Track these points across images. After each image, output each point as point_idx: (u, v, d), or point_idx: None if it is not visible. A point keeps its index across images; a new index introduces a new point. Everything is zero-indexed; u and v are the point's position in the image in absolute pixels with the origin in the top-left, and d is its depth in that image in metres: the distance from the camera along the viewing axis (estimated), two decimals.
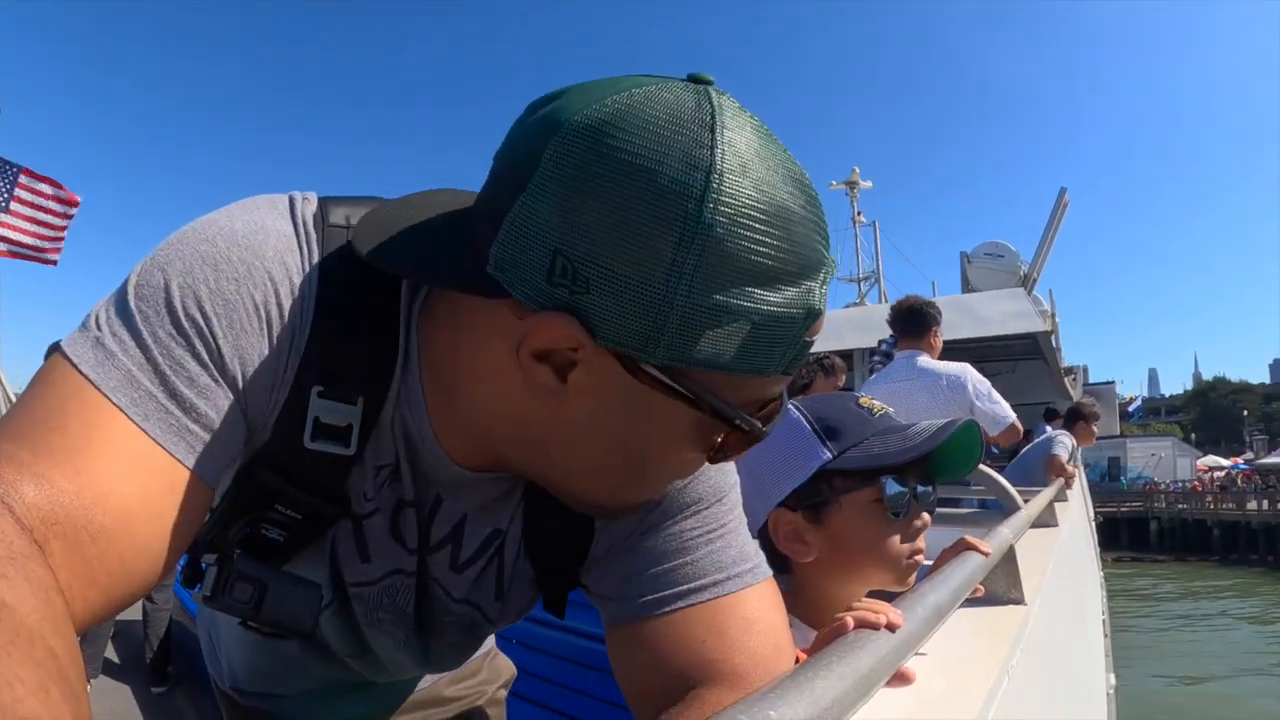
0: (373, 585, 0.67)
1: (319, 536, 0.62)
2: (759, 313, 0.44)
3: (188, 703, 3.58)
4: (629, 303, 0.43)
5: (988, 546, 0.96)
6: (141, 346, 0.47)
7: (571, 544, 0.66)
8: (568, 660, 2.01)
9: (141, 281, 0.50)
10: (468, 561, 0.67)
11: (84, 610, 0.40)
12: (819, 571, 0.97)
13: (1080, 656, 2.05)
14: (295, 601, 0.59)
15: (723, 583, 0.61)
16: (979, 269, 14.46)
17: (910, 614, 0.60)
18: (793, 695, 0.37)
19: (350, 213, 0.57)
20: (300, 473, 0.57)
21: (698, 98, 0.44)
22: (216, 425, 0.50)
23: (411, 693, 1.00)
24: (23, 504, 0.38)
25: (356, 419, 0.56)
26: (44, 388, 0.46)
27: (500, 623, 0.75)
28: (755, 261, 0.43)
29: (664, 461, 0.54)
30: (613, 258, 0.42)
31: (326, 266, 0.54)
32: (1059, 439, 4.44)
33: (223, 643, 0.94)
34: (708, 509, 0.64)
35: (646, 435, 0.50)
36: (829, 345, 7.66)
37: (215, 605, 0.58)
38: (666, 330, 0.43)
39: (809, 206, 0.46)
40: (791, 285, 0.45)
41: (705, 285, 0.42)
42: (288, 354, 0.53)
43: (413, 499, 0.62)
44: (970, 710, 0.75)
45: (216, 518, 0.60)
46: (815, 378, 3.86)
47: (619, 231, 0.42)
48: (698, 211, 0.41)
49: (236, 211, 0.54)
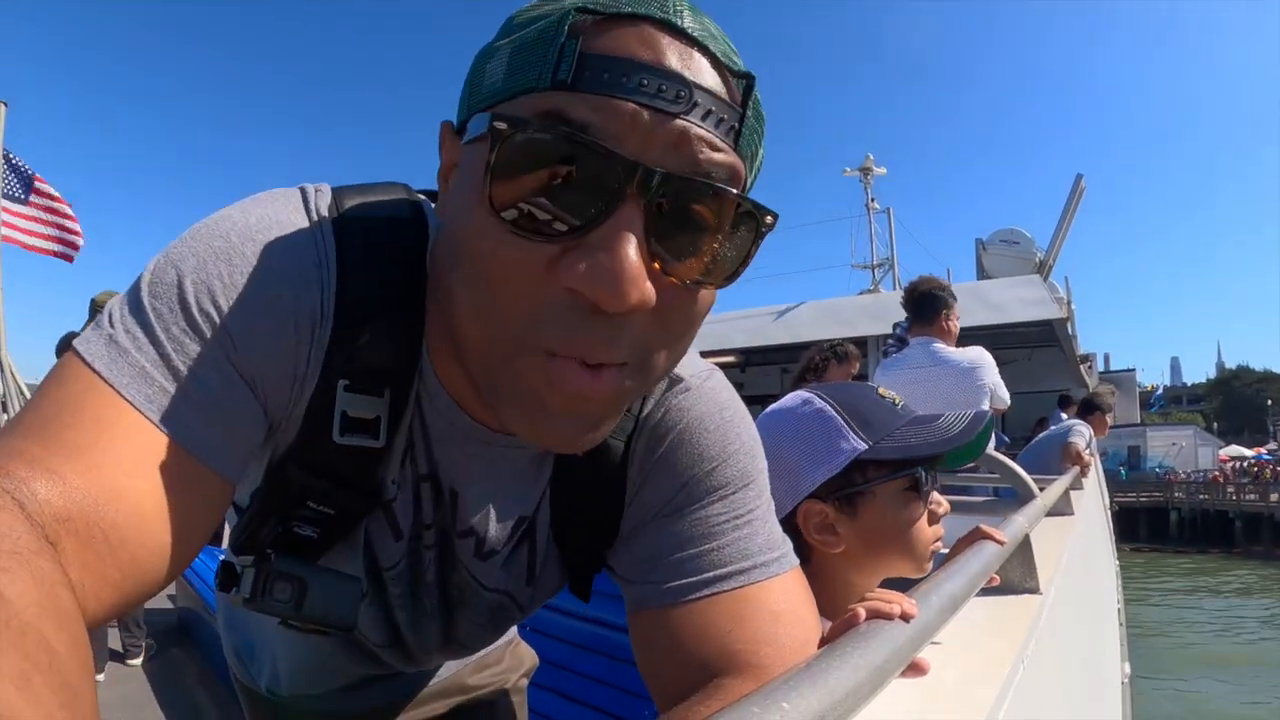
0: (401, 564, 0.67)
1: (353, 530, 0.62)
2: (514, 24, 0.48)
3: (203, 692, 3.63)
4: (464, 89, 0.50)
5: (1003, 535, 0.96)
6: (155, 343, 0.47)
7: (600, 522, 0.65)
8: (586, 649, 2.02)
9: (155, 278, 0.49)
10: (492, 551, 0.67)
11: (96, 607, 0.40)
12: (843, 562, 0.97)
13: (1096, 646, 2.04)
14: (336, 596, 0.59)
15: (749, 571, 0.60)
16: (994, 255, 14.39)
17: (925, 604, 0.59)
18: (806, 687, 0.37)
19: (364, 200, 0.57)
20: (330, 468, 0.57)
21: None
22: (233, 421, 0.49)
23: (434, 681, 1.00)
24: (34, 501, 0.38)
25: (384, 410, 0.56)
26: (57, 385, 0.45)
27: (530, 609, 0.75)
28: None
29: (478, 244, 0.46)
30: (479, 69, 0.49)
31: (343, 257, 0.54)
32: (1076, 428, 4.42)
33: (263, 648, 0.93)
34: (735, 494, 0.62)
35: (463, 205, 0.47)
36: (843, 332, 7.64)
37: (255, 607, 0.58)
38: (469, 84, 0.49)
39: None
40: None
41: (488, 48, 0.49)
42: (309, 347, 0.53)
43: (428, 473, 0.62)
44: (986, 700, 0.75)
45: (248, 519, 0.60)
46: (829, 364, 3.85)
47: (484, 58, 0.49)
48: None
49: (249, 205, 0.54)
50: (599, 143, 0.42)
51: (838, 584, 0.97)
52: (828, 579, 0.98)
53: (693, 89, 0.44)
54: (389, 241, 0.56)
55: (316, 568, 0.60)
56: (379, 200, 0.58)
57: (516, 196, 0.43)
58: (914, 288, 3.40)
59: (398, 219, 0.57)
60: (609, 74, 0.43)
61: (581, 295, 0.43)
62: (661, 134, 0.43)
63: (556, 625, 1.99)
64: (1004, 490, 2.77)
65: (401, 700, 0.98)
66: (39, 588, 0.32)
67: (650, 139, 0.43)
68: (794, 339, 12.06)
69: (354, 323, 0.53)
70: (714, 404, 0.64)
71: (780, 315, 12.93)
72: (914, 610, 0.57)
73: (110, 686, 3.52)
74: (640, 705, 1.81)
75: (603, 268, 0.42)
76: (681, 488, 0.62)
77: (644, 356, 0.48)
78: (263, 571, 0.58)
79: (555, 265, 0.44)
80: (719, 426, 0.63)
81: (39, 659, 0.28)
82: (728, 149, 0.46)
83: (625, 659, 0.61)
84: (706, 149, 0.44)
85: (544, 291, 0.44)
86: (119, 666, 3.83)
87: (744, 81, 0.47)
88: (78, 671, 0.30)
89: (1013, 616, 1.13)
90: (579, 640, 2.03)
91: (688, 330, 0.50)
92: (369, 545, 0.65)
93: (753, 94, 0.47)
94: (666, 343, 0.49)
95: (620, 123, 0.43)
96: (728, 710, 0.33)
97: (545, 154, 0.43)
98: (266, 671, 0.92)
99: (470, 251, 0.46)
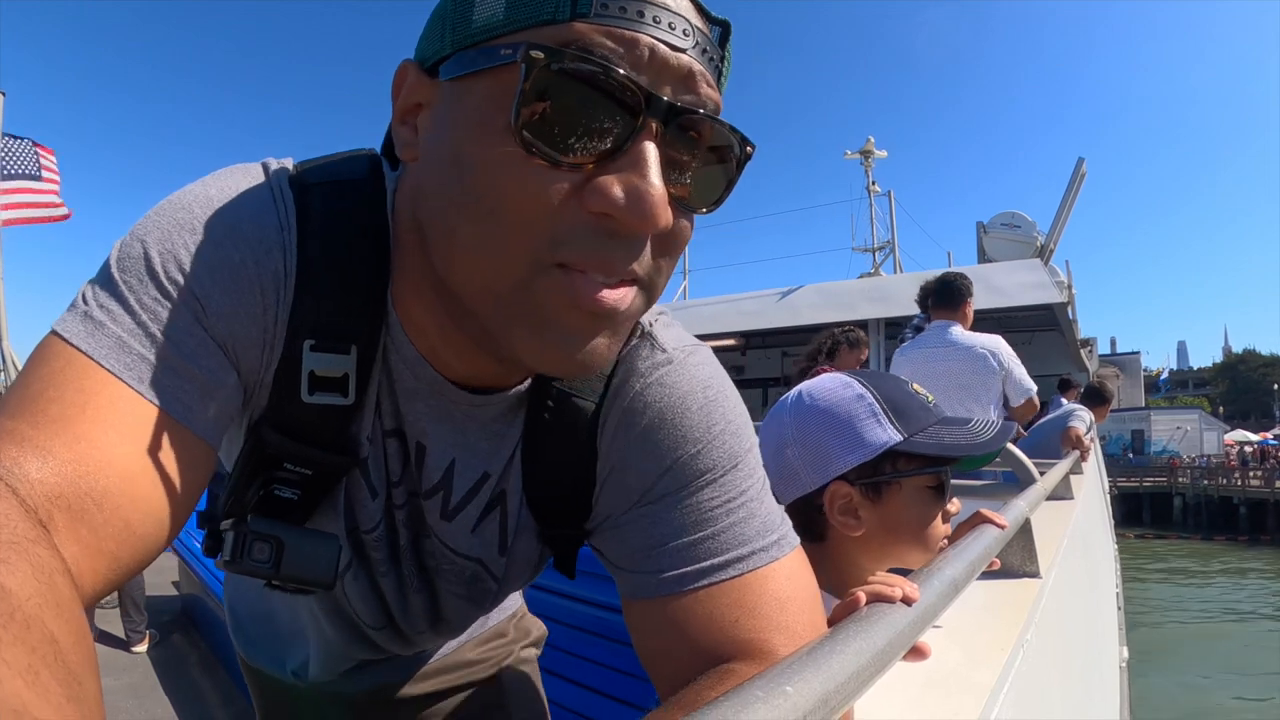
0: (380, 526, 0.67)
1: (332, 490, 0.63)
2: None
3: (207, 678, 3.66)
4: (432, 27, 0.51)
5: (1004, 519, 0.96)
6: (130, 312, 0.48)
7: (571, 491, 0.65)
8: (585, 630, 2.04)
9: (122, 255, 0.50)
10: (458, 507, 0.67)
11: (93, 581, 0.41)
12: (858, 546, 0.98)
13: (1094, 629, 2.05)
14: (314, 554, 0.60)
15: (748, 558, 0.59)
16: (995, 239, 14.36)
17: (926, 588, 0.59)
18: (809, 671, 0.37)
19: (325, 164, 0.58)
20: (302, 428, 0.57)
21: None
22: (210, 384, 0.50)
23: (435, 658, 1.01)
24: (26, 483, 0.38)
25: (352, 367, 0.56)
26: (38, 365, 0.46)
27: (508, 582, 0.74)
28: None
29: (494, 177, 0.46)
30: (461, 5, 0.48)
31: (303, 217, 0.55)
32: (1078, 413, 4.42)
33: (274, 634, 0.95)
34: (723, 477, 0.61)
35: (466, 139, 0.48)
36: (843, 315, 7.64)
37: (236, 568, 0.59)
38: (449, 21, 0.49)
39: None
40: None
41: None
42: (275, 309, 0.54)
43: (394, 428, 0.63)
44: (986, 683, 0.76)
45: (232, 484, 0.60)
46: (840, 349, 3.87)
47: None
48: None
49: (210, 180, 0.55)
50: (625, 74, 0.44)
51: (847, 565, 0.98)
52: (839, 559, 0.99)
53: (694, 28, 0.47)
54: (347, 198, 0.56)
55: (293, 527, 0.61)
56: (338, 163, 0.59)
57: (543, 126, 0.44)
58: (934, 280, 3.61)
59: (356, 178, 0.58)
60: (626, 8, 0.44)
61: (610, 218, 0.45)
62: (673, 68, 0.46)
63: (555, 607, 2.00)
64: (1005, 474, 2.78)
65: (402, 678, 0.98)
66: (39, 578, 0.32)
67: (664, 72, 0.45)
68: (794, 322, 12.06)
69: (315, 281, 0.54)
70: (697, 381, 0.63)
71: (781, 299, 12.93)
72: (915, 594, 0.57)
73: (115, 674, 3.55)
74: (639, 686, 1.82)
75: (638, 192, 0.44)
76: (665, 471, 0.61)
77: (652, 275, 0.51)
78: (240, 533, 0.58)
79: (580, 191, 0.45)
80: (702, 406, 0.62)
81: (44, 651, 0.28)
82: (715, 87, 0.49)
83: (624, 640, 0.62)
84: (705, 85, 0.48)
85: (567, 216, 0.46)
86: (122, 654, 3.86)
87: (720, 28, 0.50)
88: (81, 662, 0.30)
89: (1013, 600, 1.14)
90: (578, 623, 2.04)
91: (679, 251, 0.53)
92: (350, 507, 0.65)
93: (729, 39, 0.51)
94: (666, 264, 0.52)
95: (638, 55, 0.44)
96: (731, 695, 0.33)
97: (574, 85, 0.44)
98: (296, 658, 0.93)
99: (481, 186, 0.47)
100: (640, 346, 0.63)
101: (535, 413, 0.63)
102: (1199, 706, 8.39)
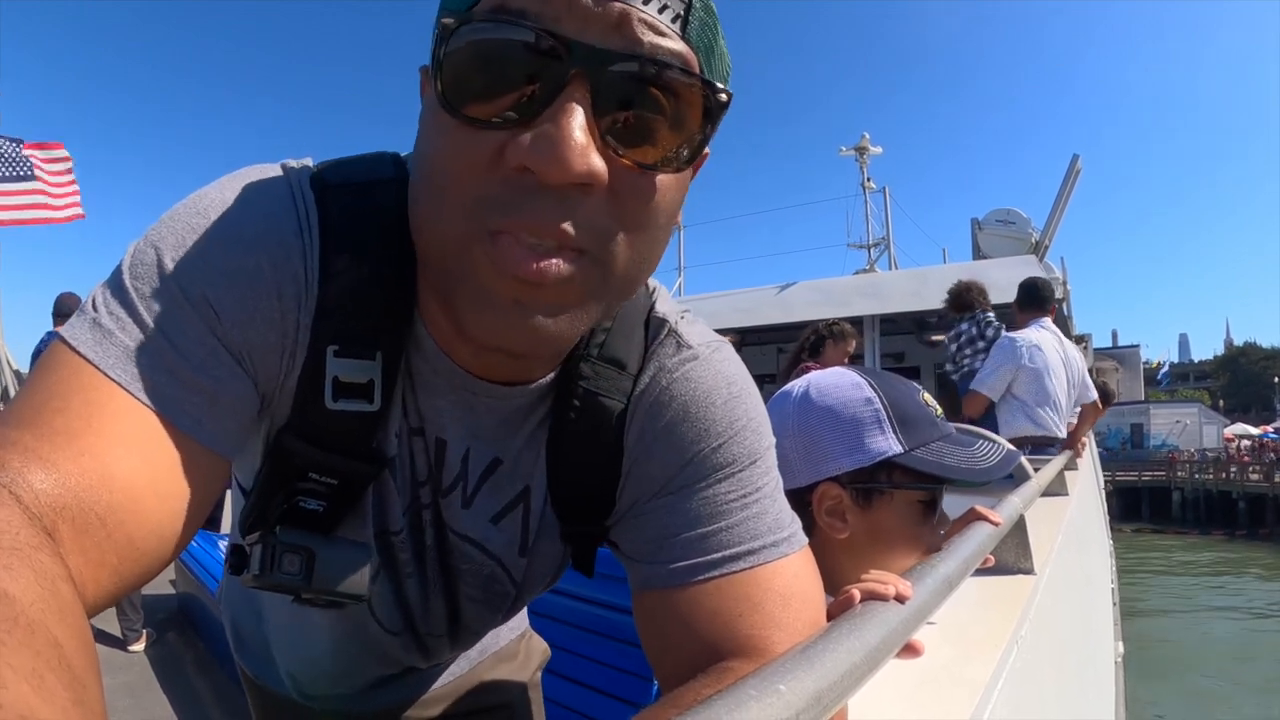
0: (405, 528, 0.67)
1: (358, 499, 0.62)
2: None
3: (203, 678, 3.65)
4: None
5: (998, 516, 0.96)
6: (139, 323, 0.47)
7: (596, 490, 0.64)
8: (589, 630, 2.04)
9: (135, 260, 0.49)
10: (474, 492, 0.66)
11: (96, 593, 0.40)
12: (843, 550, 0.96)
13: (1089, 625, 2.06)
14: (346, 564, 0.59)
15: (758, 551, 0.59)
16: (990, 236, 14.33)
17: (920, 585, 0.60)
18: (802, 669, 0.37)
19: (348, 168, 0.57)
20: (327, 435, 0.56)
21: None
22: (222, 395, 0.49)
23: (449, 679, 0.99)
24: (30, 492, 0.38)
25: (377, 373, 0.55)
26: (45, 373, 0.45)
27: (526, 588, 0.74)
28: None
29: (432, 148, 0.49)
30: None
31: (327, 225, 0.53)
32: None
33: (284, 648, 0.91)
34: (742, 471, 0.61)
35: (424, 122, 0.50)
36: (838, 312, 7.62)
37: (264, 583, 0.58)
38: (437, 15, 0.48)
39: None
40: None
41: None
42: (296, 314, 0.53)
43: (418, 427, 0.62)
44: (980, 680, 0.76)
45: (255, 497, 0.59)
46: (825, 344, 3.85)
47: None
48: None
49: (226, 182, 0.53)
50: (539, 25, 0.43)
51: (831, 568, 0.98)
52: (823, 559, 0.98)
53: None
54: (370, 200, 0.55)
55: (324, 537, 0.60)
56: (361, 163, 0.58)
57: (466, 90, 0.45)
58: (1030, 283, 4.02)
59: (379, 179, 0.57)
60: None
61: (528, 171, 0.44)
62: (600, 15, 0.44)
63: (559, 608, 2.00)
64: None
65: (415, 698, 0.96)
66: (41, 583, 0.32)
67: (588, 20, 0.44)
68: (790, 318, 12.01)
69: (338, 285, 0.53)
70: (722, 377, 0.63)
71: (776, 294, 12.90)
72: (909, 591, 0.57)
73: (111, 673, 3.54)
74: (643, 687, 1.82)
75: (547, 138, 0.43)
76: (686, 463, 0.61)
77: (601, 243, 0.47)
78: (269, 546, 0.57)
79: (504, 149, 0.45)
80: (726, 401, 0.62)
81: (49, 656, 0.28)
82: (673, 34, 0.46)
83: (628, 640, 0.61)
84: (650, 32, 0.45)
85: (495, 176, 0.45)
86: (119, 653, 3.85)
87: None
88: (84, 666, 0.30)
89: (1007, 597, 1.15)
90: (582, 623, 2.04)
91: (648, 220, 0.50)
92: (378, 510, 0.64)
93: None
94: (624, 230, 0.48)
95: (557, 6, 0.44)
96: (724, 693, 0.33)
97: (489, 45, 0.44)
98: (286, 671, 0.91)
99: (428, 157, 0.48)
100: (666, 343, 0.64)
101: (561, 414, 0.63)
102: (1196, 702, 8.42)
